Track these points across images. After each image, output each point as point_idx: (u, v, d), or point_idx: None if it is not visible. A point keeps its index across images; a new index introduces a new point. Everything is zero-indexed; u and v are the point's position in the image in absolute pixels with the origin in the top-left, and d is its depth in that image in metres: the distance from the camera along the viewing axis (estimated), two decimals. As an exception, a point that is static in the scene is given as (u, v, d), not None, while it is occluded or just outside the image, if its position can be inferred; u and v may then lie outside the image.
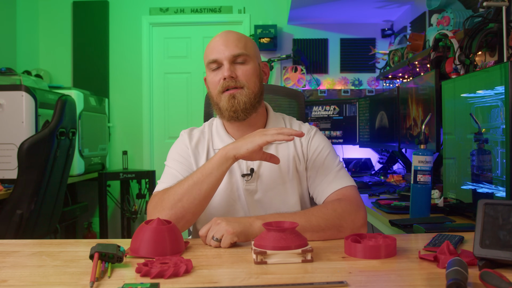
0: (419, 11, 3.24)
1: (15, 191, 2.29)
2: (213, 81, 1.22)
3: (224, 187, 1.24)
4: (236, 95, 1.19)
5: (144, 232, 0.95)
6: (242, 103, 1.19)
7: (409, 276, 0.82)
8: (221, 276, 0.82)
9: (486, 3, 1.78)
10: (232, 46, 1.20)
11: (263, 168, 1.26)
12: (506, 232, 0.82)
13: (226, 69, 1.19)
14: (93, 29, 4.12)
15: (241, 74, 1.21)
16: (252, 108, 1.22)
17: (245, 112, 1.21)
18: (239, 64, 1.21)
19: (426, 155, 1.51)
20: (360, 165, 3.40)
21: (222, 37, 1.23)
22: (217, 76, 1.21)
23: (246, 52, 1.21)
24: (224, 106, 1.21)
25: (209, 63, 1.22)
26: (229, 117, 1.22)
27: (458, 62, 1.94)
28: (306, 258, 0.89)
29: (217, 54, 1.20)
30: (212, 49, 1.22)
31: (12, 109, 2.65)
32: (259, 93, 1.24)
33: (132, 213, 3.85)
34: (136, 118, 4.17)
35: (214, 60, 1.21)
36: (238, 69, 1.21)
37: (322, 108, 3.53)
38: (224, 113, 1.22)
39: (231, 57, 1.20)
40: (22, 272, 0.84)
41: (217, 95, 1.22)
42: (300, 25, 4.09)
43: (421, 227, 1.28)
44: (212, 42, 1.24)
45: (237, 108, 1.20)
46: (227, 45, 1.20)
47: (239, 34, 1.25)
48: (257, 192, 1.25)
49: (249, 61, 1.22)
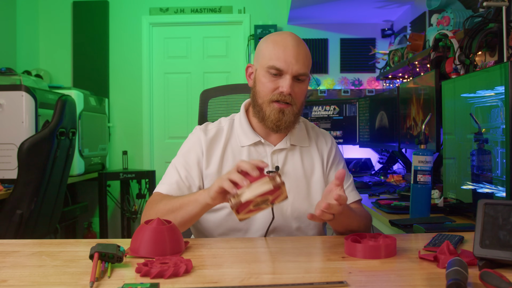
0: (419, 11, 3.24)
1: (15, 191, 2.28)
2: (268, 86, 1.19)
3: None
4: (286, 111, 1.20)
5: (144, 232, 0.95)
6: (288, 121, 1.21)
7: (409, 276, 0.82)
8: (221, 276, 0.82)
9: (486, 3, 1.78)
10: (301, 63, 1.18)
11: (287, 167, 1.27)
12: (506, 232, 0.82)
13: (287, 85, 1.17)
14: (93, 29, 4.11)
15: (297, 93, 1.20)
16: (293, 125, 1.24)
17: (287, 128, 1.23)
18: (298, 81, 1.20)
19: (426, 155, 1.51)
20: (360, 165, 3.39)
21: (294, 48, 1.18)
22: (274, 84, 1.19)
23: (307, 72, 1.21)
24: (270, 117, 1.21)
25: (271, 67, 1.18)
26: (271, 128, 1.23)
27: (458, 62, 1.94)
28: (276, 182, 0.91)
29: (285, 64, 1.17)
30: (280, 56, 1.17)
31: (12, 109, 2.65)
32: (302, 110, 1.26)
33: (132, 213, 3.85)
34: (136, 118, 4.17)
35: (279, 69, 1.17)
36: (296, 87, 1.19)
37: (322, 108, 3.53)
38: (267, 122, 1.22)
39: (297, 74, 1.18)
40: (22, 272, 0.84)
41: (267, 102, 1.20)
42: (300, 25, 4.09)
43: (421, 227, 1.28)
44: (281, 46, 1.18)
45: (282, 124, 1.21)
46: (298, 60, 1.17)
47: (307, 48, 1.22)
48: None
49: (306, 82, 1.23)
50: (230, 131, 1.30)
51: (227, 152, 1.27)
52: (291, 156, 1.28)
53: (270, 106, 1.20)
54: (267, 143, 1.28)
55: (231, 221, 1.23)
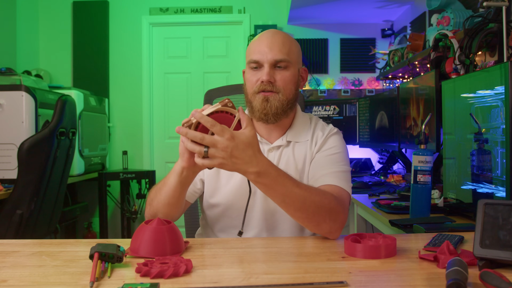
0: (419, 11, 3.24)
1: (15, 191, 2.28)
2: (251, 80, 1.22)
3: (240, 181, 1.24)
4: (270, 98, 1.20)
5: (144, 232, 0.95)
6: (274, 107, 1.20)
7: (409, 276, 0.82)
8: (221, 276, 0.82)
9: (486, 3, 1.78)
10: (276, 50, 1.20)
11: (281, 163, 1.27)
12: (506, 232, 0.82)
13: (265, 73, 1.19)
14: (93, 29, 4.12)
15: (279, 80, 1.21)
16: (283, 113, 1.23)
17: (275, 117, 1.22)
18: (279, 69, 1.21)
19: (426, 155, 1.51)
20: (360, 165, 3.40)
21: (268, 38, 1.22)
22: (255, 76, 1.22)
23: (288, 58, 1.21)
24: (256, 107, 1.21)
25: (250, 62, 1.23)
26: (259, 118, 1.23)
27: (458, 62, 1.94)
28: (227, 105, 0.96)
29: (259, 55, 1.20)
30: (255, 49, 1.22)
31: (12, 109, 2.65)
32: (293, 99, 1.25)
33: (132, 213, 3.85)
34: (136, 118, 4.17)
35: (255, 61, 1.21)
36: (277, 74, 1.21)
37: (322, 108, 3.53)
38: (255, 113, 1.23)
39: (273, 61, 1.19)
40: (22, 272, 0.84)
41: (252, 94, 1.22)
42: (300, 25, 4.09)
43: (421, 227, 1.28)
44: (257, 40, 1.24)
45: (269, 112, 1.20)
46: (272, 48, 1.20)
47: (285, 37, 1.24)
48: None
49: (290, 67, 1.22)
50: None
51: None
52: (285, 153, 1.28)
53: (255, 97, 1.22)
54: (264, 141, 1.28)
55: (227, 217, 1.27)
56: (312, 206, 1.04)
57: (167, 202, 1.12)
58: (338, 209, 1.08)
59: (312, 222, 1.06)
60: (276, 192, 1.01)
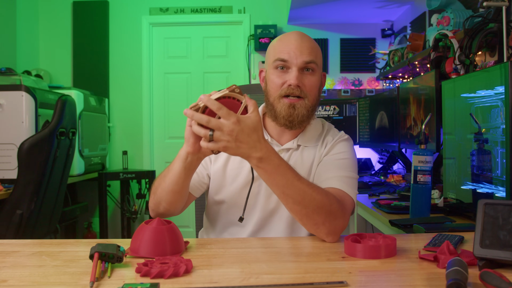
0: (419, 11, 3.24)
1: (15, 191, 2.28)
2: (276, 82, 1.18)
3: (245, 180, 1.24)
4: (297, 105, 1.17)
5: (144, 232, 0.95)
6: (300, 115, 1.18)
7: (409, 276, 0.82)
8: (221, 276, 0.82)
9: (486, 3, 1.78)
10: (306, 52, 1.17)
11: None
12: (506, 232, 0.82)
13: (294, 76, 1.16)
14: (93, 29, 4.11)
15: (307, 84, 1.18)
16: (307, 120, 1.21)
17: (300, 124, 1.20)
18: (307, 72, 1.18)
19: (426, 155, 1.51)
20: (360, 165, 3.39)
21: (298, 40, 1.18)
22: (281, 79, 1.18)
23: (316, 61, 1.19)
24: (281, 113, 1.18)
25: (276, 60, 1.18)
26: (283, 125, 1.20)
27: (458, 62, 1.94)
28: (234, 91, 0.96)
29: (289, 56, 1.16)
30: (284, 48, 1.18)
31: (12, 109, 2.65)
32: (316, 105, 1.23)
33: (132, 213, 3.85)
34: (136, 118, 4.17)
35: (284, 60, 1.17)
36: (305, 78, 1.17)
37: (322, 108, 3.53)
38: (279, 118, 1.20)
39: (303, 64, 1.16)
40: (22, 272, 0.84)
41: (277, 98, 1.18)
42: (300, 25, 4.09)
43: (421, 227, 1.28)
44: (284, 40, 1.20)
45: (295, 119, 1.18)
46: (302, 50, 1.17)
47: (312, 41, 1.22)
48: None
49: (316, 72, 1.20)
50: None
51: None
52: (294, 156, 1.27)
53: (280, 102, 1.18)
54: (275, 143, 1.27)
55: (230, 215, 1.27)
56: (312, 204, 1.02)
57: (171, 189, 1.11)
58: (339, 213, 1.06)
59: (310, 221, 1.04)
60: (276, 180, 1.00)
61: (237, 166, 1.27)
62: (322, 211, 1.03)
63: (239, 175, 1.26)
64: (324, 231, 1.05)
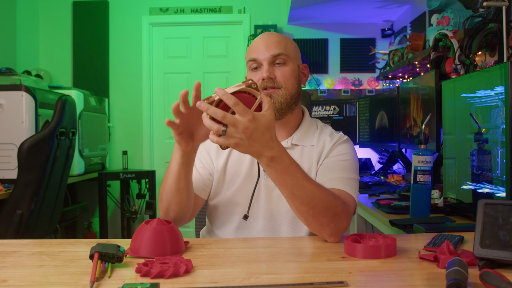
0: (419, 11, 3.24)
1: (15, 191, 2.28)
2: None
3: (245, 179, 1.25)
4: (273, 95, 1.21)
5: (144, 232, 0.95)
6: (278, 103, 1.21)
7: (409, 276, 0.82)
8: (221, 276, 0.82)
9: (486, 3, 1.78)
10: (273, 47, 1.22)
11: None
12: (506, 232, 0.82)
13: (265, 70, 1.21)
14: (93, 29, 4.11)
15: (280, 75, 1.22)
16: (287, 108, 1.24)
17: (280, 112, 1.23)
18: (278, 65, 1.23)
19: (426, 155, 1.51)
20: (360, 165, 3.39)
21: (263, 38, 1.25)
22: (256, 76, 1.23)
23: (285, 52, 1.23)
24: None
25: (249, 61, 1.25)
26: None
27: (458, 62, 1.94)
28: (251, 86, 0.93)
29: (257, 54, 1.23)
30: (253, 49, 1.25)
31: (12, 109, 2.65)
32: (296, 94, 1.25)
33: (132, 213, 3.85)
34: (136, 118, 4.17)
35: (254, 59, 1.23)
36: (277, 70, 1.23)
37: (322, 108, 3.53)
38: None
39: (271, 57, 1.22)
40: (22, 272, 0.84)
41: None
42: (300, 25, 4.09)
43: (421, 227, 1.28)
44: (253, 42, 1.27)
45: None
46: (268, 46, 1.23)
47: (280, 35, 1.27)
48: (276, 189, 1.24)
49: (288, 62, 1.24)
50: None
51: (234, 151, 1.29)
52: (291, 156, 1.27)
53: None
54: None
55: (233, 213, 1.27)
56: (320, 205, 1.02)
57: (176, 188, 1.11)
58: (343, 214, 1.06)
59: (316, 221, 1.04)
60: (286, 181, 0.99)
61: (235, 164, 1.28)
62: (329, 212, 1.03)
63: (238, 174, 1.27)
64: (328, 232, 1.05)
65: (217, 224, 1.31)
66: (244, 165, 1.27)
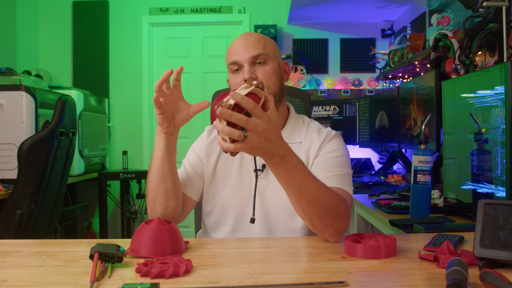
0: (419, 11, 3.24)
1: (15, 191, 2.29)
2: (234, 82, 1.23)
3: (236, 181, 1.26)
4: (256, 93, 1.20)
5: (144, 232, 0.95)
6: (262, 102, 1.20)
7: (409, 276, 0.82)
8: (221, 276, 0.82)
9: (486, 3, 1.78)
10: (251, 47, 1.22)
11: None
12: (506, 232, 0.82)
13: (246, 70, 1.21)
14: (93, 29, 4.11)
15: (261, 75, 1.22)
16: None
17: None
18: (259, 65, 1.23)
19: (426, 155, 1.51)
20: (360, 165, 3.39)
21: (242, 40, 1.25)
22: (238, 78, 1.23)
23: (265, 52, 1.23)
24: None
25: (229, 64, 1.25)
26: None
27: (458, 62, 1.94)
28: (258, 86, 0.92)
29: (237, 56, 1.23)
30: (233, 52, 1.24)
31: (12, 109, 2.65)
32: (279, 92, 1.25)
33: (132, 213, 3.85)
34: (136, 118, 4.17)
35: (234, 61, 1.23)
36: (258, 70, 1.22)
37: (322, 108, 3.53)
38: None
39: (251, 58, 1.21)
40: (22, 272, 0.84)
41: None
42: (300, 25, 4.09)
43: (421, 227, 1.28)
44: (232, 44, 1.26)
45: None
46: (247, 47, 1.22)
47: (258, 35, 1.27)
48: (268, 188, 1.25)
49: (269, 61, 1.24)
50: None
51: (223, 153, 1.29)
52: None
53: None
54: None
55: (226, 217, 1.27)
56: (325, 204, 1.02)
57: (160, 176, 1.13)
58: (345, 214, 1.07)
59: (321, 221, 1.03)
60: (294, 179, 0.98)
61: (225, 166, 1.29)
62: (332, 211, 1.03)
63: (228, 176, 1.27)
64: (330, 231, 1.05)
65: (212, 228, 1.31)
66: (233, 168, 1.27)
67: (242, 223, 1.25)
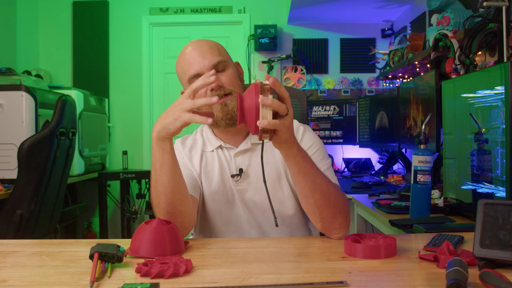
0: (419, 11, 3.24)
1: (15, 191, 2.28)
2: (200, 94, 1.16)
3: (217, 187, 1.25)
4: (227, 102, 1.17)
5: (144, 232, 0.95)
6: (235, 108, 1.16)
7: (409, 276, 0.82)
8: (221, 276, 0.82)
9: (486, 3, 1.78)
10: (209, 55, 1.19)
11: (252, 168, 1.25)
12: (506, 232, 0.82)
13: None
14: (93, 29, 4.11)
15: (226, 81, 1.19)
16: None
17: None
18: (220, 72, 1.19)
19: (426, 155, 1.51)
20: (360, 165, 3.40)
21: (196, 49, 1.20)
22: (202, 89, 1.15)
23: (222, 58, 1.20)
24: (219, 117, 1.17)
25: (190, 78, 1.19)
26: (226, 125, 1.19)
27: (458, 62, 1.94)
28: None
29: (197, 67, 1.18)
30: (190, 63, 1.19)
31: (12, 109, 2.65)
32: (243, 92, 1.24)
33: (132, 213, 3.85)
34: (136, 118, 4.17)
35: (196, 74, 1.18)
36: (221, 77, 1.18)
37: (322, 108, 3.53)
38: (219, 122, 1.19)
39: (211, 67, 1.17)
40: (22, 272, 0.84)
41: (207, 108, 1.17)
42: (300, 25, 4.09)
43: (421, 227, 1.28)
44: (185, 55, 1.21)
45: (232, 115, 1.17)
46: (204, 55, 1.18)
47: (208, 41, 1.23)
48: (247, 192, 1.25)
49: (228, 66, 1.22)
50: (202, 140, 1.31)
51: (203, 158, 1.29)
52: (255, 156, 1.26)
53: (213, 108, 1.17)
54: (229, 146, 1.27)
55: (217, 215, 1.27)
56: (333, 194, 1.06)
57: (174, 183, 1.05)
58: (347, 203, 1.11)
59: (331, 211, 1.06)
60: (310, 170, 1.02)
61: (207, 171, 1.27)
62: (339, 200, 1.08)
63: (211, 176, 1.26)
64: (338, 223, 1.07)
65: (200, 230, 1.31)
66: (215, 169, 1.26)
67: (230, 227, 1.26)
